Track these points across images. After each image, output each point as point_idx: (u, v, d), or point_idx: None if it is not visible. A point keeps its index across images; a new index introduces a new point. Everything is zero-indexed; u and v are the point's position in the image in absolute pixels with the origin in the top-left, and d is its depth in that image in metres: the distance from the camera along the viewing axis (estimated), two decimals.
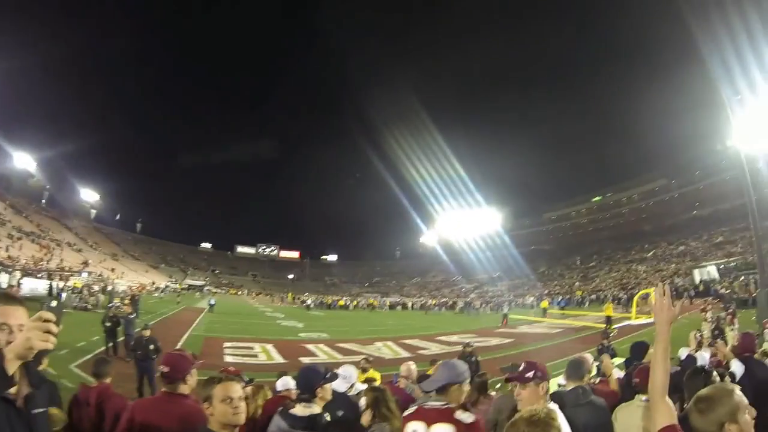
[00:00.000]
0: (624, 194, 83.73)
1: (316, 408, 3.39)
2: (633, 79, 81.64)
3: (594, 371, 7.77)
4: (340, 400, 4.46)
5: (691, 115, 59.74)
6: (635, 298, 30.50)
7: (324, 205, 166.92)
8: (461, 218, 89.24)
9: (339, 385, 4.69)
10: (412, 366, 6.72)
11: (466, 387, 3.32)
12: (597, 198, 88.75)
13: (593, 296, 46.60)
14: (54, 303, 1.77)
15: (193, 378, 3.41)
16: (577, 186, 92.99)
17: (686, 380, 3.58)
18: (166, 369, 3.29)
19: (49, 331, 1.67)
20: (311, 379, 3.62)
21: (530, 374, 3.11)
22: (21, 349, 1.64)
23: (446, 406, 3.04)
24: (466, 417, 2.96)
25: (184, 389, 3.30)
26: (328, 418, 3.39)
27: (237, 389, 2.74)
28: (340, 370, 4.93)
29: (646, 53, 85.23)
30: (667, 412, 2.04)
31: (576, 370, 4.16)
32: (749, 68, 35.71)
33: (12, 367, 1.63)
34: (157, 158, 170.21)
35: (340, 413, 4.09)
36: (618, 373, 6.35)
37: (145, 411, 3.22)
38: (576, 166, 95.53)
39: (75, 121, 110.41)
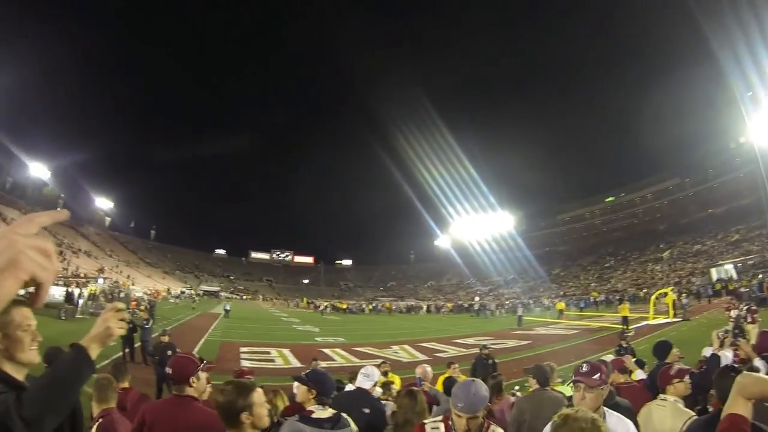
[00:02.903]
0: (637, 194, 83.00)
1: (330, 409, 3.48)
2: (644, 78, 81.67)
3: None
4: (364, 398, 4.55)
5: (702, 113, 59.79)
6: (652, 298, 30.21)
7: (338, 210, 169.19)
8: (475, 221, 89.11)
9: (363, 384, 4.78)
10: (428, 368, 6.95)
11: None
12: (610, 198, 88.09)
13: (609, 297, 46.26)
14: (124, 294, 1.94)
15: (200, 381, 3.49)
16: (590, 186, 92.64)
17: (716, 380, 3.57)
18: (170, 371, 3.43)
19: (122, 319, 1.86)
20: (331, 383, 3.77)
21: (597, 377, 3.11)
22: (102, 335, 1.80)
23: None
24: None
25: (190, 391, 3.39)
26: (348, 418, 3.48)
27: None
28: (362, 370, 5.03)
29: (657, 51, 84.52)
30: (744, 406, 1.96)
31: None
32: (762, 64, 35.50)
33: (95, 353, 1.76)
34: (170, 166, 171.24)
35: (366, 410, 4.22)
36: (641, 374, 6.44)
37: (154, 412, 3.35)
38: (588, 167, 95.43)
39: (88, 130, 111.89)
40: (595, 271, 66.67)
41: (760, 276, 33.94)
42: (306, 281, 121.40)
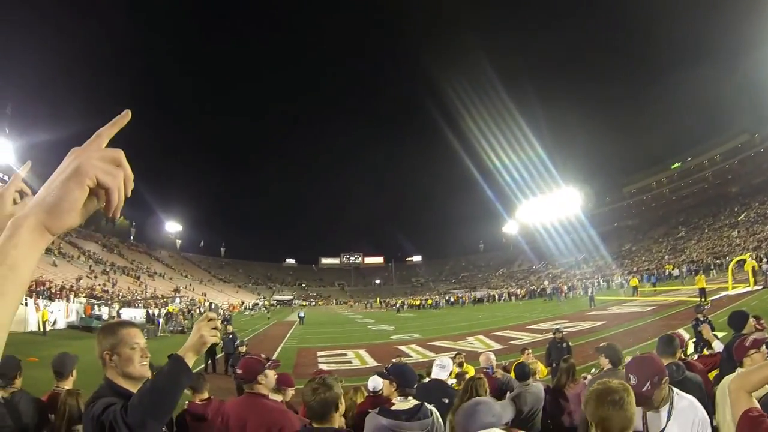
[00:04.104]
0: (705, 156, 79.59)
1: (413, 400, 3.62)
2: (702, 32, 76.46)
3: (691, 348, 7.85)
4: (441, 388, 4.94)
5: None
6: (730, 266, 28.87)
7: (404, 207, 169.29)
8: (542, 203, 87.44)
9: (438, 374, 5.19)
10: (491, 355, 7.23)
11: None
12: (676, 165, 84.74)
13: (684, 269, 44.64)
14: (213, 305, 2.35)
15: (267, 378, 3.72)
16: (654, 154, 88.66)
17: None
18: (239, 371, 3.71)
19: (215, 327, 2.04)
20: (412, 374, 3.95)
21: (647, 388, 2.80)
22: (197, 344, 1.98)
23: None
24: None
25: (260, 389, 3.62)
26: (431, 407, 3.60)
27: None
28: (437, 361, 5.40)
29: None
30: (747, 400, 2.05)
31: (667, 346, 4.19)
32: None
33: (191, 361, 1.95)
34: (234, 185, 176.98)
35: (445, 400, 4.54)
36: (719, 346, 6.11)
37: (229, 410, 3.61)
38: (650, 133, 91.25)
39: (150, 158, 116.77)
40: (668, 243, 64.22)
41: None
42: (377, 281, 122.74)
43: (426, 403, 3.60)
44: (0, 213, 1.15)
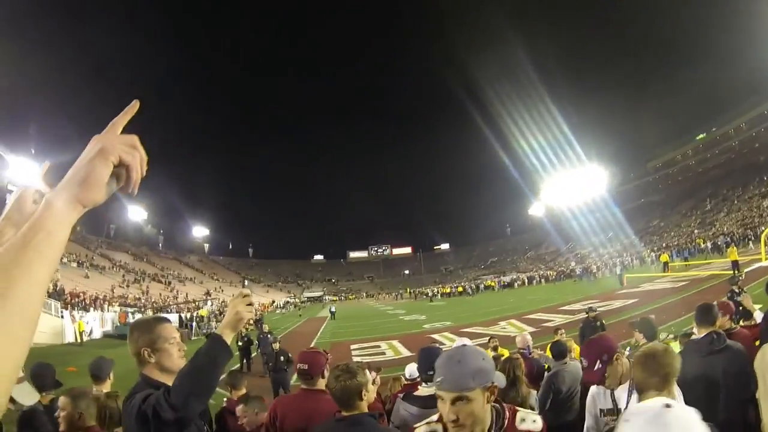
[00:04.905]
0: (730, 125, 77.25)
1: None
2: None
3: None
4: None
5: None
6: (763, 237, 28.10)
7: (430, 196, 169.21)
8: (567, 182, 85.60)
9: None
10: (528, 336, 7.31)
11: None
12: (701, 136, 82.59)
13: (716, 241, 43.79)
14: (246, 282, 2.34)
15: (329, 372, 3.53)
16: (678, 126, 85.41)
17: None
18: (305, 366, 3.43)
19: (250, 303, 2.05)
20: (436, 356, 3.99)
21: (597, 368, 2.92)
22: (233, 321, 1.99)
23: None
24: None
25: (321, 384, 3.43)
26: None
27: None
28: (457, 341, 5.50)
29: None
30: None
31: (705, 315, 4.08)
32: None
33: (229, 338, 1.97)
34: (257, 185, 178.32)
35: None
36: (760, 316, 5.75)
37: (285, 406, 3.50)
38: (673, 106, 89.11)
39: (173, 165, 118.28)
40: (697, 217, 63.05)
41: None
42: (407, 272, 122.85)
43: None
44: (20, 212, 1.22)
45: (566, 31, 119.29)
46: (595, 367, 2.87)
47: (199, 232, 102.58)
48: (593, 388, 3.24)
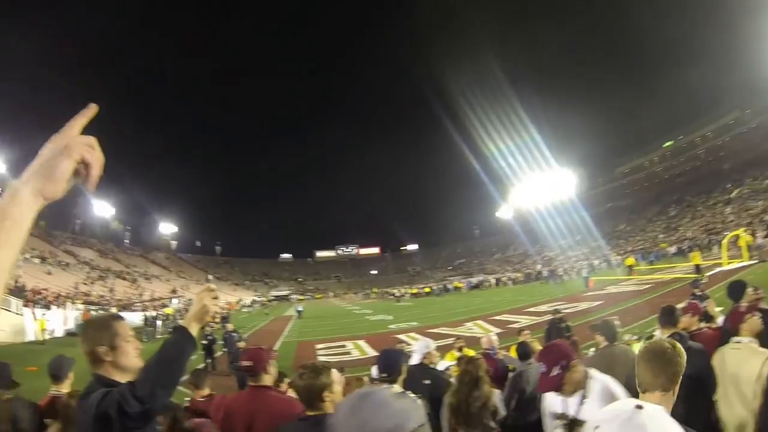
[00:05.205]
0: (696, 134, 79.26)
1: (397, 387, 3.59)
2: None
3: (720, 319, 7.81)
4: (422, 371, 4.85)
5: (757, 32, 55.66)
6: (724, 242, 29.11)
7: (398, 196, 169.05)
8: (536, 185, 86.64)
9: (415, 358, 5.10)
10: (493, 337, 7.25)
11: None
12: (668, 143, 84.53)
13: (680, 246, 44.77)
14: (210, 277, 2.29)
15: (273, 368, 3.63)
16: (646, 133, 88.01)
17: None
18: (249, 363, 3.48)
19: (216, 297, 2.07)
20: (394, 360, 3.91)
21: (556, 373, 2.90)
22: (199, 313, 1.98)
23: None
24: None
25: (267, 380, 3.50)
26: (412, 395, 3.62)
27: None
28: (419, 341, 5.39)
29: None
30: None
31: (669, 317, 4.21)
32: None
33: (195, 331, 1.96)
34: (226, 183, 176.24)
35: (426, 382, 4.53)
36: (722, 320, 5.79)
37: (232, 404, 3.52)
38: (642, 113, 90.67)
39: (142, 162, 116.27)
40: (662, 222, 64.33)
41: None
42: (374, 272, 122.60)
43: (408, 392, 3.44)
44: None
45: (536, 37, 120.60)
46: (553, 373, 2.86)
47: (167, 229, 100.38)
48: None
